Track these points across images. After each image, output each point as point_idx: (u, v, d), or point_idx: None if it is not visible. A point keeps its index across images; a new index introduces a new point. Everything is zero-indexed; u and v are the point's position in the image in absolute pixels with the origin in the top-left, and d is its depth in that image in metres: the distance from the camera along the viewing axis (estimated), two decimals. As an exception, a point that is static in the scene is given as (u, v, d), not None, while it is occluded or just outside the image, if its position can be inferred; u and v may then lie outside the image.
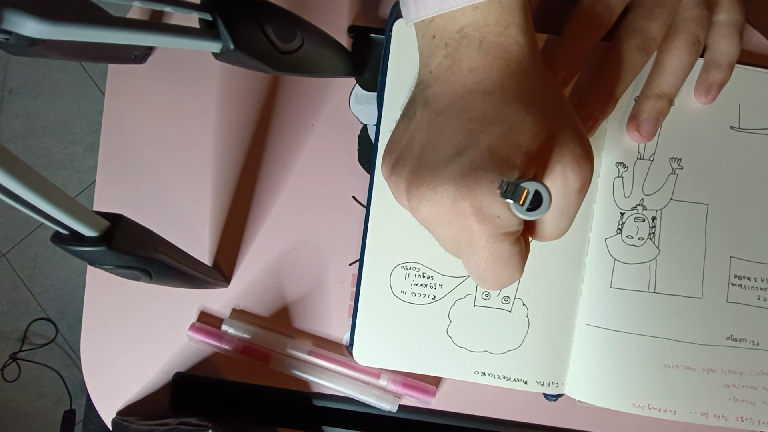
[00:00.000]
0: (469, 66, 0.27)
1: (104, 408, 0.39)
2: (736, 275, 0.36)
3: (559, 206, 0.26)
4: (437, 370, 0.37)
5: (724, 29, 0.35)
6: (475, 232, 0.25)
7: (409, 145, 0.28)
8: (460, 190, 0.25)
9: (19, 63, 1.25)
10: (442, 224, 0.26)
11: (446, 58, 0.27)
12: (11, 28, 0.22)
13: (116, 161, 0.40)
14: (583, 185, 0.26)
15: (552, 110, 0.27)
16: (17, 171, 0.20)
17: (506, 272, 0.27)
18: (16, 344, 1.27)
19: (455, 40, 0.27)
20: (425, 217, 0.27)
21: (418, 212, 0.27)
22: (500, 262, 0.26)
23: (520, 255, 0.27)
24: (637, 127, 0.35)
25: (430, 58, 0.28)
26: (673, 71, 0.35)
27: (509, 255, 0.26)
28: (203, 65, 0.40)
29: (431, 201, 0.26)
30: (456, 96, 0.27)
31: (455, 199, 0.25)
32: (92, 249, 0.25)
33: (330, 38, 0.35)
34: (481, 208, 0.25)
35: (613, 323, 0.36)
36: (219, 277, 0.38)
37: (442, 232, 0.27)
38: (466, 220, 0.25)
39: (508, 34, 0.26)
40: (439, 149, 0.26)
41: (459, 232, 0.26)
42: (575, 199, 0.26)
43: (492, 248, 0.26)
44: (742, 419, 0.36)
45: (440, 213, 0.26)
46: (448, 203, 0.25)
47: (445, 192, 0.25)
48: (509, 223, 0.25)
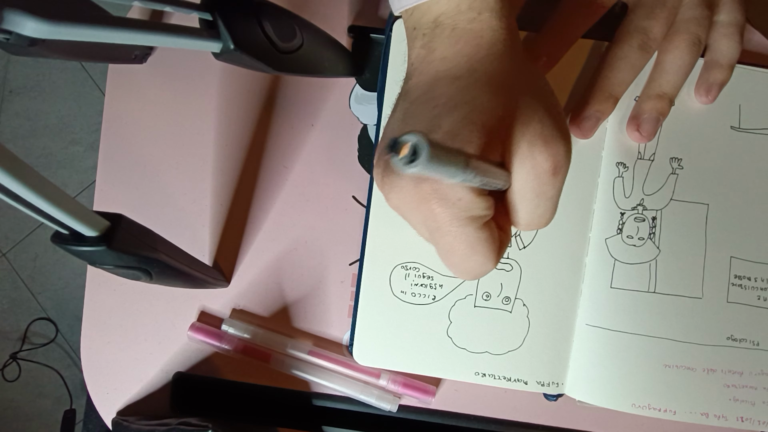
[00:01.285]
0: (441, 54, 0.27)
1: (104, 408, 0.39)
2: (736, 275, 0.36)
3: (531, 188, 0.26)
4: (437, 370, 0.37)
5: (724, 29, 0.35)
6: (438, 216, 0.25)
7: (386, 137, 0.28)
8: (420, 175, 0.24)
9: (20, 63, 1.25)
10: (410, 210, 0.26)
11: (423, 48, 0.27)
12: (11, 28, 0.22)
13: (116, 161, 0.40)
14: (556, 167, 0.25)
15: (522, 91, 0.26)
16: (17, 171, 0.20)
17: (475, 258, 0.26)
18: (16, 344, 1.27)
19: (430, 30, 0.27)
20: (396, 205, 0.26)
21: (390, 200, 0.27)
22: (467, 246, 0.26)
23: (489, 241, 0.26)
24: (638, 127, 0.35)
25: (411, 50, 0.28)
26: (674, 71, 0.35)
27: (476, 240, 0.26)
28: (203, 65, 0.40)
29: (398, 187, 0.25)
30: (427, 85, 0.27)
31: (416, 182, 0.25)
32: (92, 249, 0.25)
33: (330, 38, 0.35)
34: (440, 190, 0.24)
35: (613, 323, 0.36)
36: (219, 277, 0.38)
37: (412, 219, 0.27)
38: (428, 204, 0.25)
39: (481, 20, 0.26)
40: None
41: (426, 217, 0.25)
42: (549, 180, 0.25)
43: (456, 232, 0.25)
44: (742, 419, 0.36)
45: (406, 198, 0.25)
46: (411, 188, 0.25)
47: (407, 177, 0.25)
48: (473, 206, 0.25)
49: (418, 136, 0.18)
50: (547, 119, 0.25)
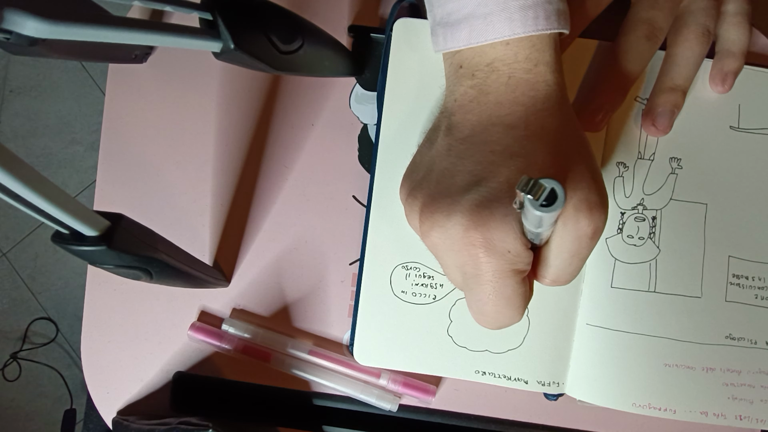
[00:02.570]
0: (496, 99, 0.27)
1: (105, 407, 0.39)
2: (735, 274, 0.36)
3: (568, 249, 0.26)
4: (438, 369, 0.37)
5: (732, 18, 0.35)
6: (482, 264, 0.25)
7: (428, 169, 0.28)
8: (474, 220, 0.25)
9: (20, 62, 1.25)
10: (451, 252, 0.26)
11: (472, 89, 0.27)
12: (12, 28, 0.22)
13: (117, 161, 0.40)
14: (595, 232, 0.26)
15: (573, 153, 0.26)
16: (18, 170, 0.20)
17: (507, 311, 0.26)
18: (16, 344, 1.27)
19: (484, 73, 0.27)
20: (435, 243, 0.26)
21: (428, 237, 0.27)
22: (503, 299, 0.26)
23: (524, 296, 0.27)
24: (653, 122, 0.35)
25: (456, 86, 0.28)
26: (685, 63, 0.35)
27: (513, 293, 0.26)
28: (204, 65, 0.40)
29: (443, 228, 0.26)
30: (480, 126, 0.27)
31: (467, 228, 0.25)
32: (93, 248, 0.25)
33: (330, 38, 0.35)
34: (492, 240, 0.24)
35: (613, 323, 0.36)
36: (219, 277, 0.38)
37: (449, 260, 0.27)
38: (475, 250, 0.25)
39: (537, 72, 0.27)
40: (457, 177, 0.26)
41: (466, 262, 0.26)
42: (586, 244, 0.26)
43: (497, 283, 0.25)
44: (741, 417, 0.36)
45: (450, 240, 0.25)
46: (459, 231, 0.25)
47: (458, 220, 0.25)
48: (518, 260, 0.25)
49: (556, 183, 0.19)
50: (593, 185, 0.26)
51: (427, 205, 0.27)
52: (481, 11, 0.26)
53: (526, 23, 0.25)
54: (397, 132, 0.36)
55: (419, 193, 0.28)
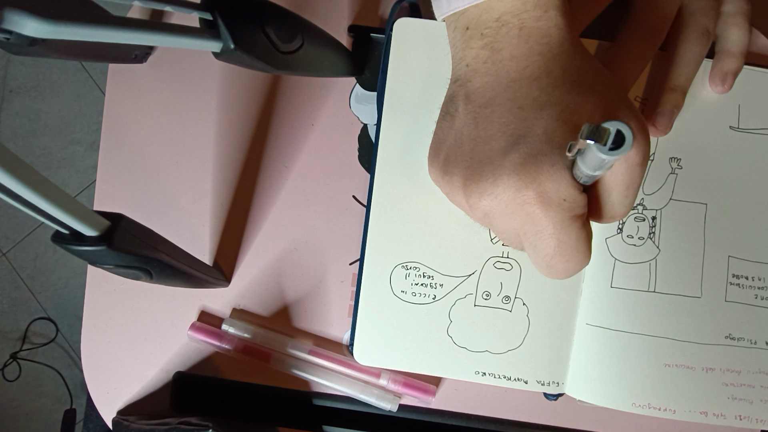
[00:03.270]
0: (510, 54, 0.26)
1: (105, 407, 0.39)
2: (734, 274, 0.36)
3: (623, 181, 0.26)
4: (438, 369, 0.37)
5: (732, 19, 0.35)
6: (541, 220, 0.25)
7: (457, 142, 0.28)
8: (523, 178, 0.24)
9: (20, 62, 1.25)
10: (505, 216, 0.26)
11: (484, 49, 0.27)
12: (12, 28, 0.22)
13: (117, 161, 0.40)
14: (644, 158, 0.25)
15: (600, 87, 0.26)
16: (18, 170, 0.20)
17: (576, 257, 0.26)
18: (16, 344, 1.27)
19: (493, 29, 0.26)
20: (486, 212, 0.26)
21: (478, 208, 0.26)
22: (569, 247, 0.26)
23: (588, 239, 0.26)
24: (653, 122, 0.35)
25: (465, 51, 0.27)
26: (685, 63, 0.35)
27: (577, 239, 0.26)
28: (203, 65, 0.40)
29: (493, 194, 0.25)
30: (501, 86, 0.26)
31: (518, 188, 0.24)
32: (93, 248, 0.25)
33: (330, 38, 0.35)
34: (546, 193, 0.24)
35: (613, 323, 0.36)
36: (219, 277, 0.38)
37: (505, 225, 0.26)
38: (531, 208, 0.24)
39: (548, 17, 0.26)
40: (492, 141, 0.26)
41: (524, 222, 0.25)
42: (638, 172, 0.26)
43: (560, 234, 0.25)
44: (741, 417, 0.36)
45: (503, 205, 0.25)
46: (511, 193, 0.25)
47: (507, 183, 0.25)
48: (576, 205, 0.25)
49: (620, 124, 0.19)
50: (631, 113, 0.26)
51: (469, 177, 0.26)
52: None
53: None
54: (396, 132, 0.36)
55: (456, 168, 0.27)
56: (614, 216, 0.28)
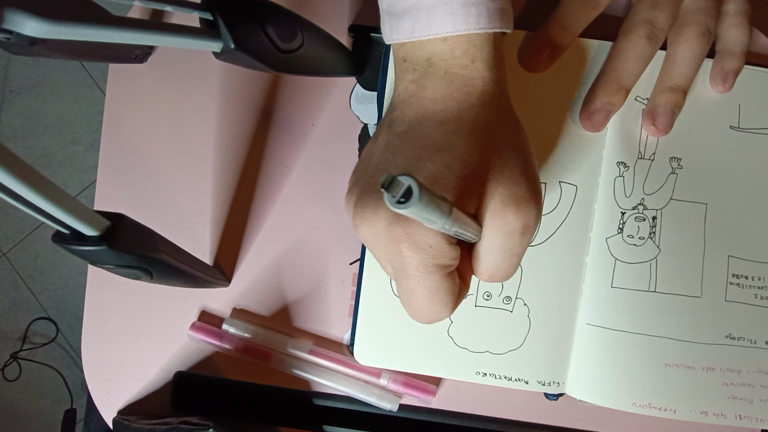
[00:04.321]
0: (432, 94, 0.27)
1: (105, 407, 0.39)
2: (734, 274, 0.36)
3: (499, 245, 0.26)
4: (438, 370, 0.37)
5: (732, 18, 0.35)
6: (406, 259, 0.25)
7: (367, 164, 0.28)
8: (397, 215, 0.24)
9: (20, 62, 1.25)
10: (379, 246, 0.26)
11: (412, 83, 0.28)
12: (12, 28, 0.22)
13: (117, 160, 0.40)
14: (525, 227, 0.26)
15: (503, 147, 0.26)
16: (18, 170, 0.20)
17: (433, 306, 0.26)
18: (16, 343, 1.27)
19: (422, 67, 0.27)
20: (364, 237, 0.27)
21: (358, 231, 0.27)
22: (428, 293, 0.26)
23: (450, 291, 0.26)
24: (654, 121, 0.35)
25: (400, 81, 0.28)
26: (686, 63, 0.35)
27: (438, 288, 0.26)
28: (204, 65, 0.40)
29: (370, 222, 0.26)
30: (415, 122, 0.27)
31: (391, 223, 0.25)
32: (93, 248, 0.25)
33: (331, 38, 0.35)
34: (413, 235, 0.24)
35: (614, 323, 0.36)
36: (220, 277, 0.38)
37: (378, 253, 0.27)
38: (398, 245, 0.25)
39: (474, 68, 0.27)
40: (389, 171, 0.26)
41: (393, 257, 0.26)
42: (517, 240, 0.26)
43: (420, 278, 0.25)
44: (741, 417, 0.36)
45: (377, 235, 0.26)
46: (384, 226, 0.25)
47: (382, 216, 0.25)
48: (440, 255, 0.25)
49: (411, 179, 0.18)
50: (522, 180, 0.26)
51: (359, 199, 0.27)
52: (425, 4, 0.26)
53: (468, 20, 0.26)
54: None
55: (356, 188, 0.28)
56: (492, 277, 0.28)
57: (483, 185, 0.25)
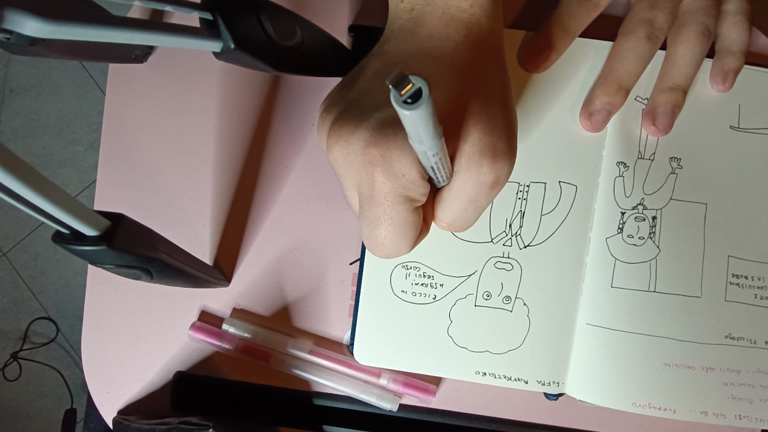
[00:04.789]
0: (428, 31, 0.27)
1: (105, 407, 0.39)
2: (734, 274, 0.36)
3: (467, 193, 0.26)
4: (438, 370, 0.37)
5: (732, 17, 0.35)
6: (377, 184, 0.25)
7: (349, 87, 0.28)
8: (376, 136, 0.24)
9: (20, 62, 1.25)
10: (350, 169, 0.26)
11: (409, 21, 0.28)
12: (12, 28, 0.22)
13: (117, 160, 0.40)
14: (496, 181, 0.26)
15: (492, 97, 0.27)
16: (18, 170, 0.20)
17: (395, 238, 0.26)
18: (17, 343, 1.27)
19: (420, 6, 0.28)
20: (336, 158, 0.26)
21: (332, 151, 0.26)
22: (393, 224, 0.26)
23: (414, 227, 0.26)
24: (654, 121, 0.35)
25: (395, 19, 0.29)
26: (686, 63, 0.35)
27: (403, 221, 0.26)
28: (204, 64, 0.40)
29: (347, 142, 0.25)
30: (407, 54, 0.27)
31: (368, 143, 0.24)
32: (93, 248, 0.25)
33: (331, 37, 0.35)
34: (389, 159, 0.24)
35: (613, 322, 0.36)
36: (220, 277, 0.38)
37: (348, 178, 0.26)
38: (372, 168, 0.25)
39: (472, 13, 0.27)
40: (373, 97, 0.26)
41: (363, 181, 0.25)
42: (485, 193, 0.26)
43: (388, 206, 0.25)
44: (740, 417, 0.36)
45: (351, 156, 0.25)
46: (360, 147, 0.25)
47: (361, 135, 0.25)
48: (412, 186, 0.25)
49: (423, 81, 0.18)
50: (503, 134, 0.26)
51: (338, 118, 0.26)
52: None
53: None
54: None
55: (335, 108, 0.28)
56: (449, 223, 0.28)
57: (464, 131, 0.25)
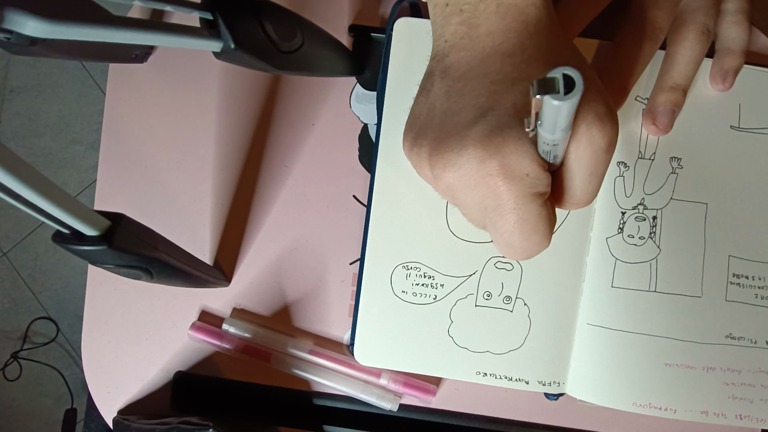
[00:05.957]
0: (486, 30, 0.26)
1: (105, 407, 0.39)
2: (735, 274, 0.36)
3: (587, 166, 0.26)
4: (438, 370, 0.37)
5: (732, 17, 0.35)
6: (503, 193, 0.25)
7: (429, 115, 0.28)
8: (487, 149, 0.24)
9: (20, 62, 1.25)
10: (468, 189, 0.25)
11: (462, 25, 0.27)
12: (12, 28, 0.22)
13: (117, 160, 0.40)
14: (610, 144, 0.25)
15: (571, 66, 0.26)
16: (18, 170, 0.20)
17: (534, 237, 0.26)
18: (17, 343, 1.27)
19: (471, 5, 0.27)
20: (450, 184, 0.26)
21: (442, 180, 0.26)
22: (528, 225, 0.25)
23: (549, 220, 0.26)
24: (654, 121, 0.35)
25: (444, 27, 0.28)
26: (685, 62, 0.35)
27: (537, 218, 0.25)
28: (204, 64, 0.40)
29: (456, 165, 0.25)
30: (475, 61, 0.27)
31: (482, 159, 0.24)
32: (93, 248, 0.25)
33: (330, 37, 0.35)
34: (509, 166, 0.24)
35: (614, 322, 0.36)
36: (220, 276, 0.38)
37: (467, 198, 0.26)
38: (493, 180, 0.24)
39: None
40: (462, 113, 0.26)
41: (486, 195, 0.25)
42: (603, 158, 0.26)
43: (520, 210, 0.25)
44: (741, 417, 0.36)
45: (466, 176, 0.25)
46: (474, 165, 0.24)
47: (471, 154, 0.24)
48: (538, 182, 0.25)
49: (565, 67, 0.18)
50: (599, 97, 0.25)
51: (435, 148, 0.26)
52: None
53: None
54: (397, 132, 0.36)
55: (424, 140, 0.27)
56: (576, 202, 0.27)
57: None
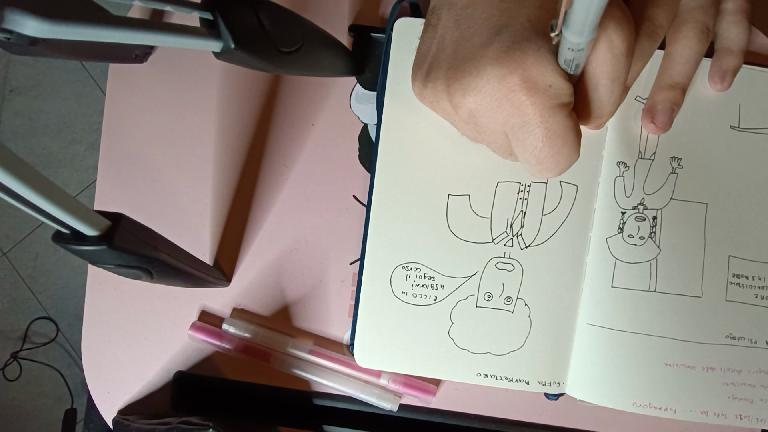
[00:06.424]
0: None
1: (105, 407, 0.39)
2: (735, 274, 0.36)
3: (608, 73, 0.25)
4: (439, 372, 0.37)
5: (731, 16, 0.35)
6: (527, 108, 0.24)
7: (439, 48, 0.27)
8: (507, 65, 0.24)
9: (20, 62, 1.25)
10: (491, 111, 0.25)
11: None
12: (12, 28, 0.22)
13: (117, 160, 0.40)
14: (629, 47, 0.25)
15: None
16: (18, 170, 0.20)
17: (564, 149, 0.25)
18: (17, 343, 1.27)
19: None
20: (472, 110, 0.26)
21: (462, 107, 0.26)
22: (558, 138, 0.25)
23: (576, 131, 0.26)
24: (653, 119, 0.35)
25: None
26: (684, 60, 0.35)
27: (565, 129, 0.25)
28: (204, 64, 0.40)
29: (476, 88, 0.25)
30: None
31: (503, 76, 0.24)
32: (93, 248, 0.25)
33: (331, 37, 0.35)
34: (531, 79, 0.24)
35: (614, 322, 0.36)
36: (220, 276, 0.38)
37: (491, 122, 0.26)
38: (516, 96, 0.24)
39: None
40: (474, 37, 0.26)
41: (510, 114, 0.25)
42: (623, 63, 0.25)
43: (547, 123, 0.25)
44: (741, 417, 0.36)
45: (488, 97, 0.25)
46: (495, 84, 0.24)
47: (491, 72, 0.24)
48: (561, 93, 0.24)
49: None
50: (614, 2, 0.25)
51: (451, 77, 0.26)
52: None
53: None
54: (397, 132, 0.36)
55: (438, 73, 0.27)
56: (602, 114, 0.27)
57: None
